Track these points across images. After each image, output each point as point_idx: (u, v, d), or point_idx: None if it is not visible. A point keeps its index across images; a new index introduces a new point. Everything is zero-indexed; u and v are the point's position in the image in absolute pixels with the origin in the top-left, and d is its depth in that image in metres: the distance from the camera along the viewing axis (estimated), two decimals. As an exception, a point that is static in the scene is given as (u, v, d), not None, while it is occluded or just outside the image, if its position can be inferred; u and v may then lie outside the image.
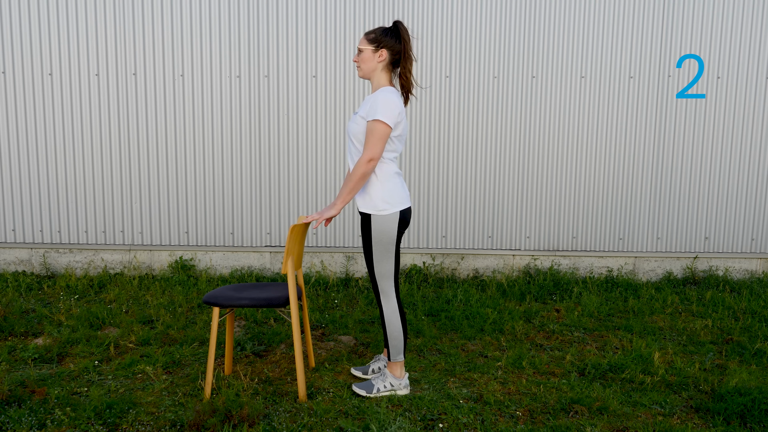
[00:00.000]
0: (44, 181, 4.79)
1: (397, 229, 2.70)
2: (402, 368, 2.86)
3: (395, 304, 2.79)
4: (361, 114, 2.66)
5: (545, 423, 2.58)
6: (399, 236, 2.74)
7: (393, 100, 2.60)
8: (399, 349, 2.82)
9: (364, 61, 2.70)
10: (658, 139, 4.94)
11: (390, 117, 2.58)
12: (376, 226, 2.68)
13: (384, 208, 2.66)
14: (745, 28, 4.81)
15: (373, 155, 2.59)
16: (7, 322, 3.61)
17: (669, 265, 5.11)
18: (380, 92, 2.63)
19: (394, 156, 2.71)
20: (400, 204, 2.70)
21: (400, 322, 2.79)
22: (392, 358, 2.83)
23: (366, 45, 2.69)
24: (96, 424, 2.48)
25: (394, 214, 2.68)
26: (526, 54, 4.80)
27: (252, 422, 2.49)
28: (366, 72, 2.73)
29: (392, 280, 2.78)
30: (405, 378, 2.86)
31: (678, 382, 3.01)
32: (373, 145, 2.58)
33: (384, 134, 2.59)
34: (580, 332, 3.78)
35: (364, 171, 2.60)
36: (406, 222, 2.75)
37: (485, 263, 5.06)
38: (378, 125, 2.57)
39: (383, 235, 2.68)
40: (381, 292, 2.78)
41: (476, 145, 4.91)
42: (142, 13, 4.63)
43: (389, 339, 2.80)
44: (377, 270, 2.75)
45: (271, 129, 4.82)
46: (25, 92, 4.69)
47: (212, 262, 4.95)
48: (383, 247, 2.71)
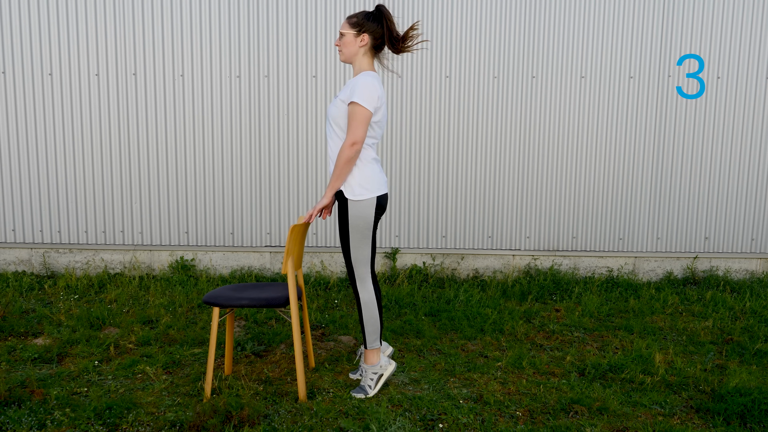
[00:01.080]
0: (44, 181, 4.79)
1: (374, 214, 2.71)
2: (378, 353, 2.86)
3: (372, 290, 2.80)
4: (341, 98, 2.66)
5: (545, 423, 2.58)
6: (376, 222, 2.75)
7: (373, 84, 2.61)
8: (376, 335, 2.83)
9: (346, 45, 2.71)
10: (658, 139, 4.94)
11: (369, 101, 2.58)
12: (353, 212, 2.68)
13: (361, 193, 2.67)
14: (745, 28, 4.81)
15: (356, 138, 2.59)
16: (7, 322, 3.61)
17: (669, 265, 5.11)
18: (361, 76, 2.64)
19: (372, 141, 2.72)
20: (377, 189, 2.70)
21: (376, 308, 2.81)
22: (368, 345, 2.84)
23: (348, 29, 2.70)
24: (96, 425, 2.48)
25: (371, 199, 2.68)
26: (526, 54, 4.80)
27: (252, 423, 2.49)
28: (348, 56, 2.73)
29: (369, 266, 2.79)
30: (382, 357, 2.87)
31: (678, 383, 3.01)
32: (355, 129, 2.59)
33: (365, 117, 2.59)
34: (581, 332, 3.78)
35: (348, 155, 2.60)
36: (382, 208, 2.76)
37: (485, 263, 5.06)
38: (358, 108, 2.58)
39: (360, 220, 2.69)
40: (357, 278, 2.78)
41: (476, 145, 4.91)
42: (142, 13, 4.63)
43: (366, 326, 2.81)
44: (354, 256, 2.76)
45: (271, 129, 4.82)
46: (25, 92, 4.68)
47: (212, 262, 4.95)
48: (360, 233, 2.72)
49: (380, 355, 2.89)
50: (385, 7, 2.71)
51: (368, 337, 2.83)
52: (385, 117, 2.74)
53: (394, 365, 2.91)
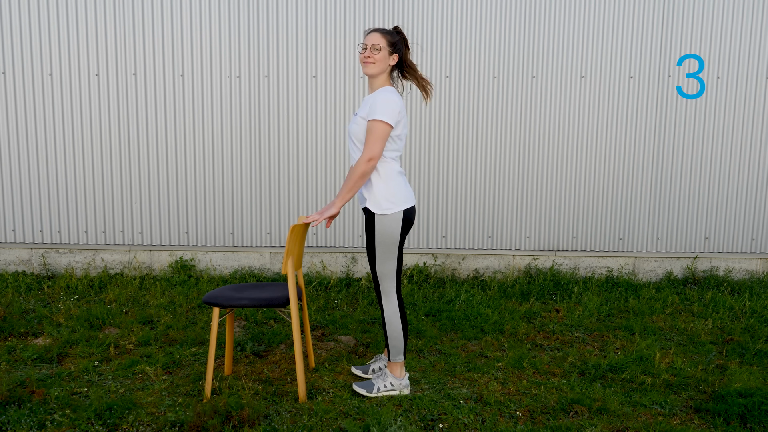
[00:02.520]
0: (44, 181, 4.79)
1: (401, 228, 2.70)
2: (402, 368, 2.86)
3: (396, 305, 2.78)
4: (361, 115, 2.66)
5: (545, 423, 2.58)
6: (403, 236, 2.73)
7: (393, 100, 2.61)
8: (399, 349, 2.82)
9: (381, 61, 2.68)
10: (658, 139, 4.94)
11: (390, 116, 2.58)
12: (380, 226, 2.67)
13: (388, 207, 2.66)
14: (745, 28, 4.81)
15: (373, 154, 2.59)
16: (7, 322, 3.60)
17: (669, 265, 5.11)
18: (380, 92, 2.64)
19: (396, 155, 2.72)
20: (404, 203, 2.70)
21: (400, 322, 2.79)
22: (392, 359, 2.84)
23: (386, 46, 2.68)
24: (96, 425, 2.48)
25: (398, 213, 2.67)
26: (526, 54, 4.80)
27: (252, 423, 2.49)
28: (378, 71, 2.69)
29: (394, 281, 2.77)
30: (405, 378, 2.86)
31: (678, 383, 3.01)
32: (373, 144, 2.58)
33: (384, 133, 2.59)
34: (581, 332, 3.78)
35: (363, 170, 2.60)
36: (410, 222, 2.74)
37: (486, 263, 5.06)
38: (378, 124, 2.58)
39: (387, 235, 2.68)
40: (383, 292, 2.78)
41: (476, 145, 4.91)
42: (142, 13, 4.63)
43: (389, 339, 2.80)
44: (379, 270, 2.75)
45: (271, 129, 4.82)
46: (25, 92, 4.68)
47: (212, 262, 4.95)
48: (386, 248, 2.71)
49: (404, 370, 2.87)
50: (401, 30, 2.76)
51: (392, 350, 2.82)
52: (406, 130, 2.74)
53: (408, 391, 2.87)
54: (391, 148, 2.68)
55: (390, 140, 2.66)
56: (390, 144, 2.67)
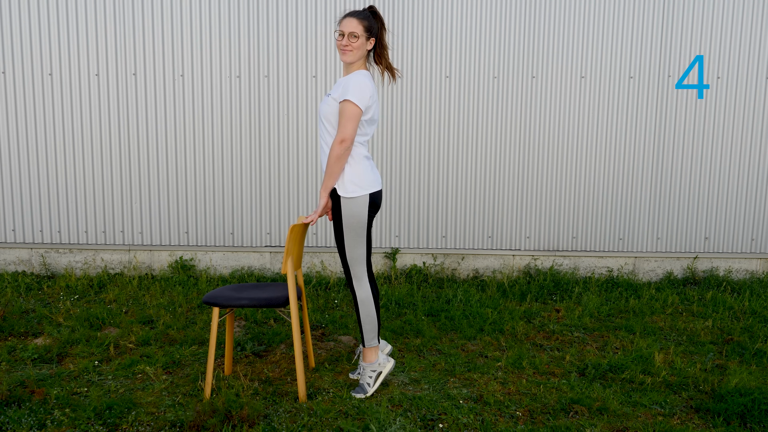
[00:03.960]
0: (44, 181, 4.79)
1: (367, 212, 2.71)
2: (376, 351, 2.86)
3: (368, 289, 2.79)
4: (333, 95, 2.66)
5: (545, 423, 2.58)
6: (370, 220, 2.75)
7: (366, 83, 2.62)
8: (373, 333, 2.83)
9: (359, 48, 2.67)
10: (658, 139, 4.94)
11: (361, 99, 2.59)
12: (347, 210, 2.68)
13: (353, 190, 2.67)
14: (745, 28, 4.81)
15: (345, 136, 2.59)
16: (7, 322, 3.60)
17: (669, 265, 5.11)
18: (353, 75, 2.65)
19: (364, 140, 2.72)
20: (370, 187, 2.70)
21: (373, 306, 2.81)
22: (366, 343, 2.84)
23: (362, 32, 2.67)
24: (96, 425, 2.48)
25: (364, 197, 2.68)
26: (526, 54, 4.80)
27: (252, 422, 2.49)
28: (357, 57, 2.68)
29: (364, 265, 2.79)
30: (379, 356, 2.87)
31: (678, 383, 3.01)
32: (344, 126, 2.59)
33: (355, 115, 2.59)
34: (581, 332, 3.78)
35: (338, 152, 2.60)
36: (376, 205, 2.76)
37: (485, 263, 5.06)
38: (349, 105, 2.58)
39: (353, 218, 2.69)
40: (353, 276, 2.79)
41: (476, 145, 4.91)
42: (142, 13, 4.63)
43: (363, 324, 2.82)
44: (349, 255, 2.76)
45: (271, 129, 4.82)
46: (25, 92, 4.68)
47: (212, 262, 4.95)
48: (354, 232, 2.72)
49: (378, 352, 2.89)
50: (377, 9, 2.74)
51: (366, 335, 2.83)
52: (377, 115, 2.75)
53: (393, 363, 2.91)
54: (359, 133, 2.68)
55: (360, 124, 2.66)
56: (359, 128, 2.67)
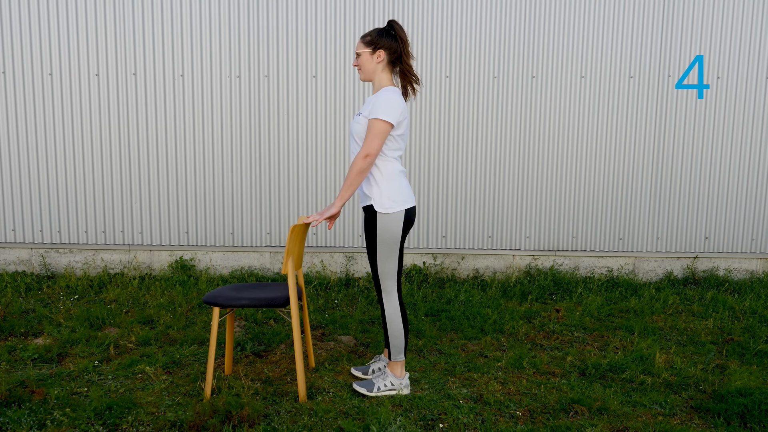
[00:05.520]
0: (44, 181, 4.79)
1: (402, 228, 2.71)
2: (402, 368, 2.86)
3: (397, 304, 2.79)
4: (363, 114, 2.69)
5: (545, 423, 2.58)
6: (403, 236, 2.75)
7: (395, 99, 2.63)
8: (400, 348, 2.82)
9: (364, 64, 2.73)
10: (658, 139, 4.94)
11: (391, 115, 2.60)
12: (382, 225, 2.69)
13: (390, 206, 2.68)
14: (745, 28, 4.81)
15: (370, 151, 2.60)
16: (7, 322, 3.60)
17: (669, 265, 5.11)
18: (382, 92, 2.66)
19: (398, 155, 2.73)
20: (405, 203, 2.71)
21: (401, 321, 2.80)
22: (393, 358, 2.84)
23: (363, 48, 2.72)
24: (96, 425, 2.48)
25: (400, 212, 2.69)
26: (526, 54, 4.80)
27: (252, 422, 2.49)
28: (367, 74, 2.75)
29: (395, 280, 2.78)
30: (406, 377, 2.86)
31: (678, 383, 3.01)
32: (370, 141, 2.60)
33: (382, 131, 2.60)
34: (581, 332, 3.78)
35: (360, 166, 2.62)
36: (410, 221, 2.76)
37: (485, 263, 5.06)
38: (377, 123, 2.60)
39: (388, 234, 2.69)
40: (383, 291, 2.78)
41: (476, 145, 4.91)
42: (142, 13, 4.63)
43: (390, 338, 2.81)
44: (380, 269, 2.76)
45: (271, 129, 4.82)
46: (25, 92, 4.68)
47: (212, 262, 4.95)
48: (387, 247, 2.72)
49: (404, 371, 2.88)
50: (398, 23, 2.73)
51: (393, 349, 2.83)
52: (407, 130, 2.76)
53: (409, 391, 2.87)
54: (393, 147, 2.70)
55: (392, 139, 2.68)
56: (392, 143, 2.68)
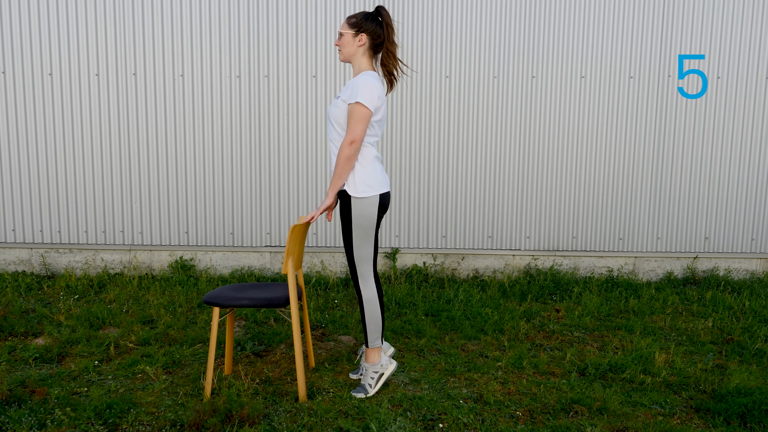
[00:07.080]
0: (44, 181, 4.79)
1: (376, 212, 2.73)
2: (379, 352, 2.87)
3: (374, 289, 2.82)
4: (342, 98, 2.70)
5: (545, 423, 2.58)
6: (378, 220, 2.78)
7: (373, 84, 2.65)
8: (378, 333, 2.85)
9: (345, 45, 2.76)
10: (658, 139, 4.94)
11: (370, 100, 2.62)
12: (357, 210, 2.71)
13: (364, 190, 2.70)
14: (745, 28, 4.81)
15: (354, 137, 2.62)
16: (7, 322, 3.60)
17: (669, 265, 5.11)
18: (361, 76, 2.69)
19: (374, 140, 2.76)
20: (379, 187, 2.73)
21: (378, 306, 2.83)
22: (370, 344, 2.85)
23: (346, 29, 2.75)
24: (96, 424, 2.48)
25: (374, 197, 2.71)
26: (526, 54, 4.80)
27: (252, 422, 2.49)
28: (346, 56, 2.78)
29: (371, 265, 2.80)
30: (383, 356, 2.88)
31: (678, 382, 3.01)
32: (354, 127, 2.62)
33: (364, 116, 2.63)
34: (581, 332, 3.78)
35: (347, 153, 2.64)
36: (385, 206, 2.79)
37: (485, 263, 5.06)
38: (358, 107, 2.62)
39: (363, 218, 2.72)
40: (360, 276, 2.80)
41: (476, 145, 4.91)
42: (142, 13, 4.63)
43: (367, 324, 2.83)
44: (356, 254, 2.78)
45: (271, 129, 4.82)
46: (25, 92, 4.68)
47: (212, 262, 4.95)
48: (363, 231, 2.74)
49: (381, 354, 2.89)
50: (385, 10, 2.74)
51: (370, 335, 2.84)
52: (385, 116, 2.78)
53: (395, 365, 2.91)
54: (369, 134, 2.72)
55: (369, 125, 2.69)
56: (369, 129, 2.70)
